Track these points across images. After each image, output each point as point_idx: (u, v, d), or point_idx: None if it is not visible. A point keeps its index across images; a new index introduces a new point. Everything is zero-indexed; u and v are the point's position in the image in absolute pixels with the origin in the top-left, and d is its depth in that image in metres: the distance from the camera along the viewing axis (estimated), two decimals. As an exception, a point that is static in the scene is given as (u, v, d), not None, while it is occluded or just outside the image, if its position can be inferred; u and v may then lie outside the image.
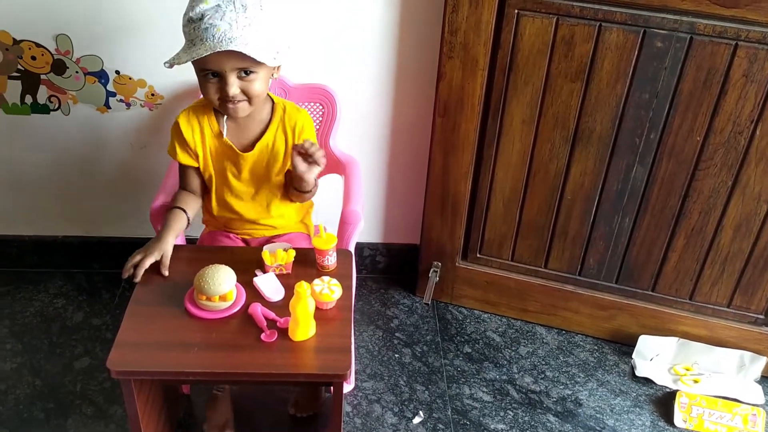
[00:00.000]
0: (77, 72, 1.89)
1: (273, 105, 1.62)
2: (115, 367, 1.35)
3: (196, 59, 1.41)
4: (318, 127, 1.85)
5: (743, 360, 1.99)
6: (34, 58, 1.86)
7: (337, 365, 1.37)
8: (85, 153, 2.03)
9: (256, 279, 1.51)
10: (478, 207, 2.02)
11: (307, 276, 1.48)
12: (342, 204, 1.75)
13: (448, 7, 1.72)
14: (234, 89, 1.46)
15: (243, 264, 1.51)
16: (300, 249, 1.57)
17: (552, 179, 1.91)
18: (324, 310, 1.46)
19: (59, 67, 1.88)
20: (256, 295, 1.48)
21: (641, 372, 2.01)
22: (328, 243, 1.53)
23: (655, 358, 2.03)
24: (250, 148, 1.61)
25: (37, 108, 1.95)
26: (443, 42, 1.77)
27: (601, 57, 1.71)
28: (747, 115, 1.69)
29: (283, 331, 1.41)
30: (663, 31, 1.65)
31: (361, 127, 2.00)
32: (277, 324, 1.42)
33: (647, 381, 1.99)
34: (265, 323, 1.43)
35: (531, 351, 2.07)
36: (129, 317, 1.44)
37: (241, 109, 1.51)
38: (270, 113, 1.62)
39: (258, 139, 1.61)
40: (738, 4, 1.57)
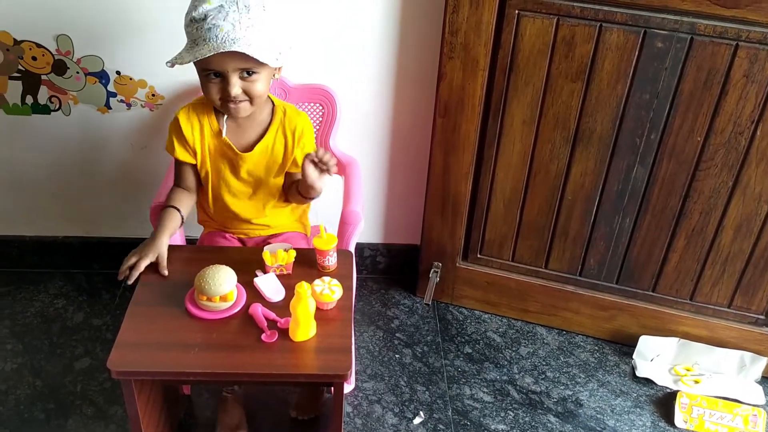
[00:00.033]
0: (78, 72, 1.89)
1: (273, 107, 1.62)
2: (116, 368, 1.35)
3: (198, 59, 1.42)
4: (318, 128, 1.86)
5: (744, 360, 1.98)
6: (34, 58, 1.86)
7: (338, 365, 1.37)
8: (86, 153, 2.03)
9: (256, 279, 1.50)
10: (478, 207, 2.02)
11: (308, 276, 1.48)
12: (342, 204, 1.75)
13: (448, 8, 1.72)
14: (236, 89, 1.46)
15: (243, 264, 1.51)
16: (300, 249, 1.57)
17: (552, 179, 1.91)
18: (324, 310, 1.46)
19: (60, 68, 1.88)
20: (256, 296, 1.48)
21: (642, 372, 2.00)
22: (328, 243, 1.53)
23: (656, 358, 2.03)
24: (249, 149, 1.61)
25: (38, 108, 1.95)
26: (444, 42, 1.77)
27: (602, 57, 1.71)
28: (747, 116, 1.69)
29: (284, 332, 1.41)
30: (663, 32, 1.65)
31: (362, 128, 2.00)
32: (278, 324, 1.42)
33: (648, 381, 1.99)
34: (266, 323, 1.42)
35: (531, 351, 2.07)
36: (129, 317, 1.44)
37: (243, 109, 1.51)
38: (270, 115, 1.62)
39: (257, 141, 1.61)
40: (738, 4, 1.57)
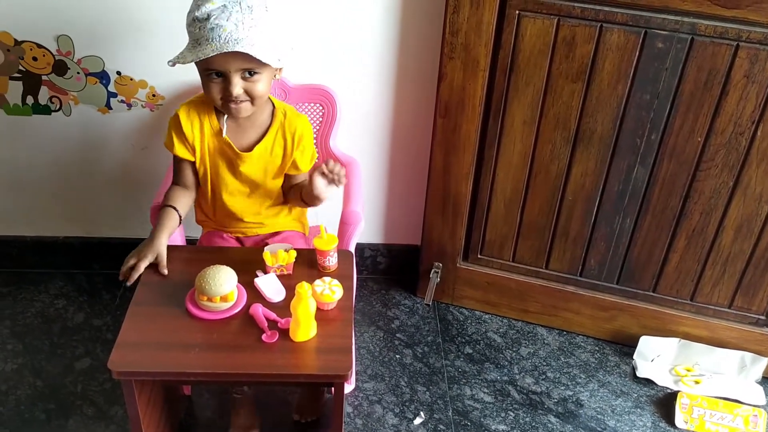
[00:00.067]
0: (78, 73, 1.89)
1: (274, 109, 1.62)
2: (117, 368, 1.35)
3: (201, 59, 1.41)
4: (318, 128, 1.86)
5: (744, 361, 1.98)
6: (35, 58, 1.86)
7: (338, 366, 1.37)
8: (86, 154, 2.03)
9: (257, 280, 1.50)
10: (479, 208, 2.02)
11: (308, 277, 1.48)
12: (342, 204, 1.75)
13: (449, 8, 1.72)
14: (238, 89, 1.46)
15: (244, 265, 1.51)
16: (301, 250, 1.57)
17: (553, 180, 1.91)
18: (325, 310, 1.46)
19: (60, 68, 1.88)
20: (257, 296, 1.48)
21: (642, 373, 2.00)
22: (328, 244, 1.53)
23: (656, 358, 2.03)
24: (249, 149, 1.61)
25: (39, 109, 1.95)
26: (444, 43, 1.77)
27: (602, 58, 1.71)
28: (748, 116, 1.69)
29: (284, 332, 1.41)
30: (664, 32, 1.65)
31: (362, 128, 2.00)
32: (278, 325, 1.42)
33: (648, 382, 1.99)
34: (266, 324, 1.42)
35: (532, 352, 2.07)
36: (130, 318, 1.44)
37: (244, 110, 1.51)
38: (270, 117, 1.61)
39: (257, 142, 1.60)
40: (739, 5, 1.57)
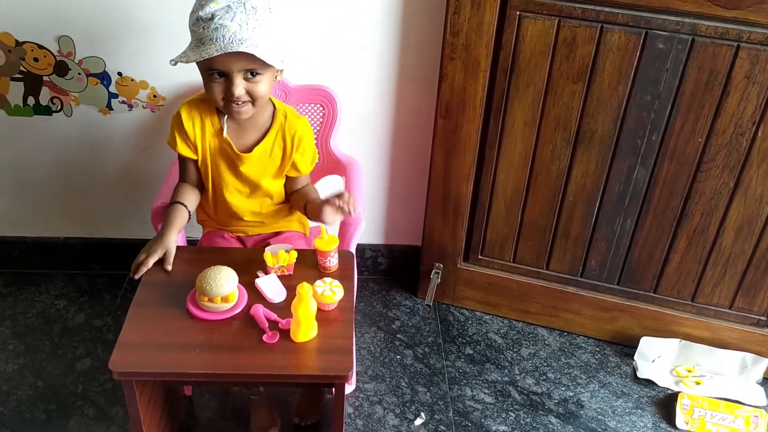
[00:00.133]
0: (79, 73, 1.89)
1: (274, 110, 1.62)
2: (118, 368, 1.35)
3: (205, 59, 1.41)
4: (318, 129, 1.86)
5: (745, 362, 1.98)
6: (36, 59, 1.87)
7: (339, 366, 1.37)
8: (87, 154, 2.03)
9: (257, 280, 1.50)
10: (479, 208, 2.02)
11: (309, 277, 1.48)
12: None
13: (449, 9, 1.72)
14: (240, 90, 1.46)
15: (245, 265, 1.51)
16: (301, 250, 1.57)
17: (554, 180, 1.91)
18: (325, 311, 1.46)
19: (61, 69, 1.88)
20: (257, 297, 1.48)
21: (643, 374, 2.00)
22: (329, 244, 1.53)
23: (657, 359, 2.03)
24: (248, 149, 1.61)
25: (40, 109, 1.95)
26: (445, 43, 1.77)
27: (603, 58, 1.71)
28: (749, 117, 1.69)
29: (285, 333, 1.41)
30: (665, 33, 1.65)
31: (363, 128, 2.00)
32: (279, 325, 1.42)
33: (649, 383, 1.99)
34: (267, 324, 1.42)
35: (533, 352, 2.07)
36: (131, 318, 1.44)
37: (245, 112, 1.51)
38: (271, 118, 1.61)
39: (257, 143, 1.61)
40: (740, 5, 1.57)
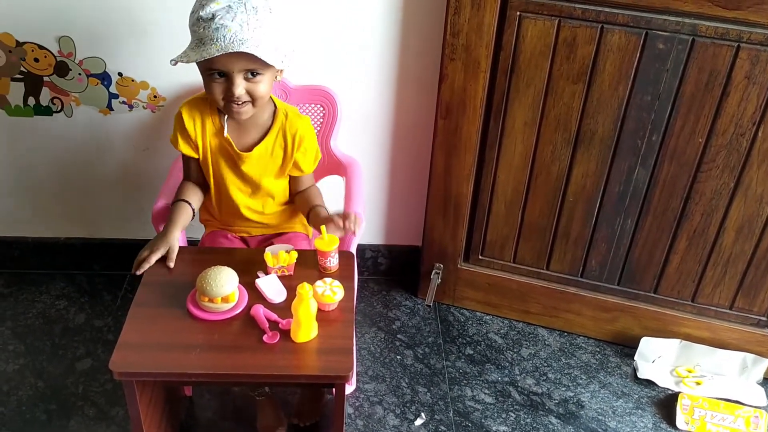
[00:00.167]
0: (80, 74, 1.89)
1: (275, 109, 1.62)
2: (118, 369, 1.35)
3: (205, 59, 1.41)
4: (319, 129, 1.86)
5: (745, 362, 1.98)
6: (36, 60, 1.87)
7: (339, 367, 1.37)
8: (88, 155, 2.04)
9: (258, 280, 1.50)
10: (480, 209, 2.02)
11: (309, 277, 1.48)
12: (343, 205, 1.75)
13: (450, 9, 1.72)
14: (240, 90, 1.46)
15: (245, 265, 1.51)
16: (302, 251, 1.57)
17: (554, 181, 1.91)
18: (326, 311, 1.46)
19: (62, 69, 1.88)
20: (258, 297, 1.48)
21: (643, 374, 2.00)
22: (329, 245, 1.53)
23: (658, 360, 2.03)
24: (249, 149, 1.61)
25: (40, 110, 1.95)
26: (445, 44, 1.77)
27: (603, 59, 1.71)
28: (749, 117, 1.69)
29: (285, 333, 1.41)
30: (665, 33, 1.65)
31: (363, 129, 2.00)
32: (279, 325, 1.42)
33: (649, 383, 1.99)
34: (267, 325, 1.42)
35: (533, 353, 2.07)
36: (131, 319, 1.44)
37: (245, 112, 1.51)
38: (272, 117, 1.61)
39: (257, 142, 1.61)
40: (740, 6, 1.57)
